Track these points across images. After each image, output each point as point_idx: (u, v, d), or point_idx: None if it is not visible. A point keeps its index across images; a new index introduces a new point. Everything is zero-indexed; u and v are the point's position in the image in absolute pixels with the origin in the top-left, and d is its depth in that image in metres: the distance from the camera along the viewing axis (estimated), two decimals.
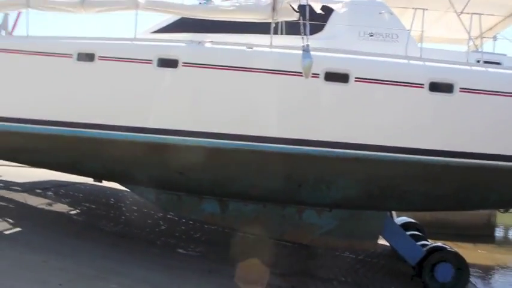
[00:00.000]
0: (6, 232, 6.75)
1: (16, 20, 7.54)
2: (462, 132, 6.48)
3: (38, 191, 10.20)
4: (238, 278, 6.41)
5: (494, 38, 7.83)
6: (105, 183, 10.05)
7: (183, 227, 8.74)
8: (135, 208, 9.24)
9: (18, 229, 6.82)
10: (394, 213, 8.57)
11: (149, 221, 8.90)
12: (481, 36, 6.78)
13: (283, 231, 7.12)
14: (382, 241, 8.30)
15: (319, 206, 6.89)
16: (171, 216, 7.85)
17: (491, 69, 6.71)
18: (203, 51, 6.51)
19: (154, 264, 6.51)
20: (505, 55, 7.73)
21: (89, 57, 6.58)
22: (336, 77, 6.29)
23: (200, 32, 6.88)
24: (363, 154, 6.28)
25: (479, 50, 7.26)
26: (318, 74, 6.20)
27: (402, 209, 7.45)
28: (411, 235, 8.71)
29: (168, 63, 6.41)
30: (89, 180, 10.06)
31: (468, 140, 6.47)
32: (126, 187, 7.75)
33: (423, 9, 6.50)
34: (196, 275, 6.32)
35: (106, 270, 5.86)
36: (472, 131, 6.49)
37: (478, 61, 6.90)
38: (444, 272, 7.01)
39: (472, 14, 6.52)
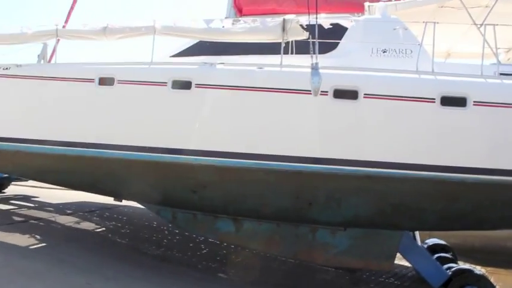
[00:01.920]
0: (54, 253, 6.93)
1: (54, 49, 7.98)
2: (477, 147, 6.19)
3: (84, 213, 10.48)
4: None
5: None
6: None
7: (224, 251, 8.70)
8: (177, 231, 9.29)
9: (65, 250, 6.98)
10: (417, 234, 8.24)
11: (191, 245, 8.92)
12: (495, 47, 6.46)
13: (297, 251, 7.02)
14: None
15: (331, 224, 6.77)
16: (212, 240, 7.83)
17: (507, 81, 6.41)
18: (215, 73, 6.64)
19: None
20: None
21: (108, 81, 6.90)
22: (345, 94, 6.25)
23: (216, 55, 7.03)
24: (373, 171, 6.14)
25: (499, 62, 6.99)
26: (327, 92, 6.17)
27: (417, 228, 7.15)
28: (438, 257, 8.39)
29: (182, 85, 6.63)
30: (133, 204, 10.23)
31: (484, 155, 6.18)
32: (143, 205, 7.95)
33: (434, 22, 6.34)
34: None
35: None
36: (488, 146, 6.19)
37: (502, 74, 6.56)
38: None
39: (493, 25, 6.27)
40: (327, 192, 6.42)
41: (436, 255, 8.54)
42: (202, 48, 7.26)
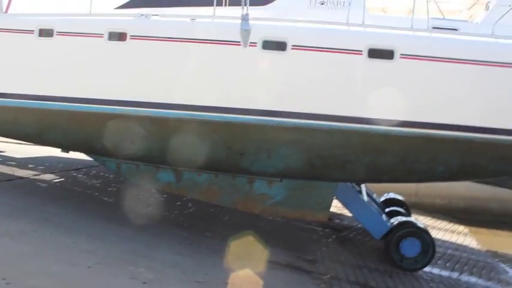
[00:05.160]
0: (39, 213, 6.87)
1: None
2: (404, 100, 6.25)
3: (70, 171, 10.39)
4: (266, 262, 6.39)
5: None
6: None
7: (211, 210, 8.72)
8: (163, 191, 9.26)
9: (50, 210, 6.93)
10: (364, 187, 8.42)
11: (178, 203, 8.92)
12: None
13: (235, 201, 7.24)
14: None
15: (264, 175, 6.94)
16: (198, 199, 7.85)
17: (437, 34, 6.48)
18: (149, 24, 6.72)
19: (183, 247, 6.52)
20: (465, 21, 7.46)
21: (48, 33, 6.90)
22: (273, 46, 6.31)
23: (155, 7, 7.19)
24: (301, 123, 6.26)
25: (440, 17, 7.07)
26: (256, 43, 6.24)
27: (348, 180, 7.23)
28: (391, 211, 8.63)
29: (117, 36, 6.69)
30: None
31: (411, 109, 6.28)
32: (90, 157, 8.11)
33: None
34: (223, 260, 6.29)
35: (135, 253, 5.89)
36: (415, 99, 6.28)
37: (435, 28, 6.64)
38: (410, 247, 6.98)
39: None
40: (256, 143, 6.59)
41: (389, 209, 8.74)
42: (143, 0, 7.42)
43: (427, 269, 7.41)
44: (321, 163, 6.55)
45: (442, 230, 10.90)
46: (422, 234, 7.09)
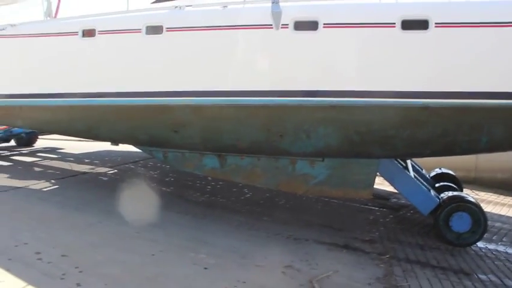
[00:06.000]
0: (103, 205, 7.23)
1: (58, 5, 8.31)
2: (440, 71, 6.00)
3: (129, 164, 10.80)
4: (323, 244, 6.43)
5: None
6: None
7: (267, 194, 8.84)
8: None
9: (113, 202, 7.27)
10: (410, 162, 8.15)
11: (234, 190, 9.10)
12: None
13: (278, 182, 7.26)
14: None
15: (306, 155, 6.92)
16: (254, 185, 7.98)
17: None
18: (182, 15, 6.80)
19: (241, 233, 6.66)
20: None
21: (90, 33, 7.17)
22: (305, 26, 6.23)
23: None
24: (337, 101, 6.18)
25: None
26: (288, 24, 6.22)
27: (389, 156, 7.01)
28: (442, 186, 8.34)
29: (154, 30, 6.80)
30: None
31: (448, 79, 6.00)
32: (138, 148, 8.34)
33: None
34: (281, 243, 6.38)
35: (195, 240, 6.10)
36: (452, 68, 5.98)
37: None
38: (460, 222, 6.79)
39: None
40: (294, 124, 6.58)
41: (439, 185, 8.46)
42: None
43: (491, 246, 7.21)
44: (360, 140, 6.50)
45: (504, 206, 10.50)
46: (471, 207, 6.87)
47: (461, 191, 8.75)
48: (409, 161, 8.05)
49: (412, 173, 7.68)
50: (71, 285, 4.44)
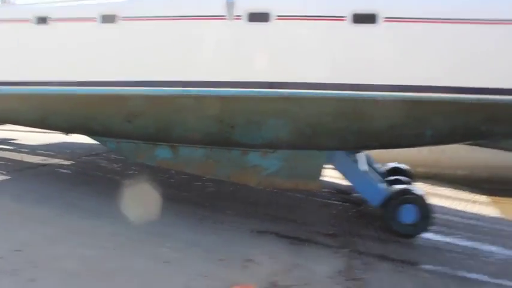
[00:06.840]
0: (63, 198, 7.05)
1: None
2: (388, 64, 6.16)
3: (91, 157, 10.57)
4: (286, 238, 6.47)
5: None
6: None
7: (230, 188, 8.82)
8: (183, 172, 9.37)
9: (74, 195, 7.11)
10: (363, 156, 8.14)
11: (198, 183, 9.03)
12: None
13: (230, 173, 7.29)
14: None
15: (257, 147, 6.98)
16: (217, 179, 7.95)
17: None
18: (138, 4, 6.83)
19: (204, 227, 6.63)
20: None
21: (42, 20, 7.06)
22: (258, 17, 6.31)
23: None
24: (289, 93, 6.28)
25: None
26: (241, 16, 6.29)
27: (341, 148, 7.15)
28: (394, 180, 8.56)
29: (108, 19, 6.79)
30: None
31: (396, 73, 6.16)
32: (92, 139, 8.19)
33: None
34: (246, 237, 6.39)
35: (158, 233, 6.03)
36: (399, 62, 6.16)
37: None
38: (407, 214, 6.93)
39: None
40: (246, 115, 6.63)
41: (391, 178, 8.68)
42: None
43: (449, 239, 7.42)
44: (311, 132, 6.57)
45: (462, 201, 10.83)
46: (418, 200, 7.06)
47: (411, 184, 8.92)
48: (362, 154, 8.17)
49: (366, 167, 7.80)
50: (23, 281, 4.29)
